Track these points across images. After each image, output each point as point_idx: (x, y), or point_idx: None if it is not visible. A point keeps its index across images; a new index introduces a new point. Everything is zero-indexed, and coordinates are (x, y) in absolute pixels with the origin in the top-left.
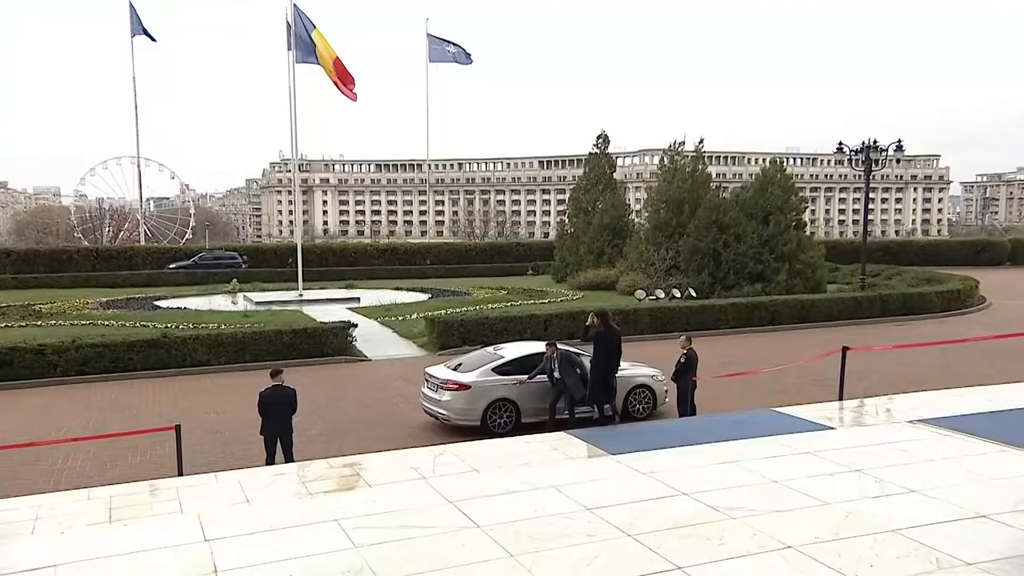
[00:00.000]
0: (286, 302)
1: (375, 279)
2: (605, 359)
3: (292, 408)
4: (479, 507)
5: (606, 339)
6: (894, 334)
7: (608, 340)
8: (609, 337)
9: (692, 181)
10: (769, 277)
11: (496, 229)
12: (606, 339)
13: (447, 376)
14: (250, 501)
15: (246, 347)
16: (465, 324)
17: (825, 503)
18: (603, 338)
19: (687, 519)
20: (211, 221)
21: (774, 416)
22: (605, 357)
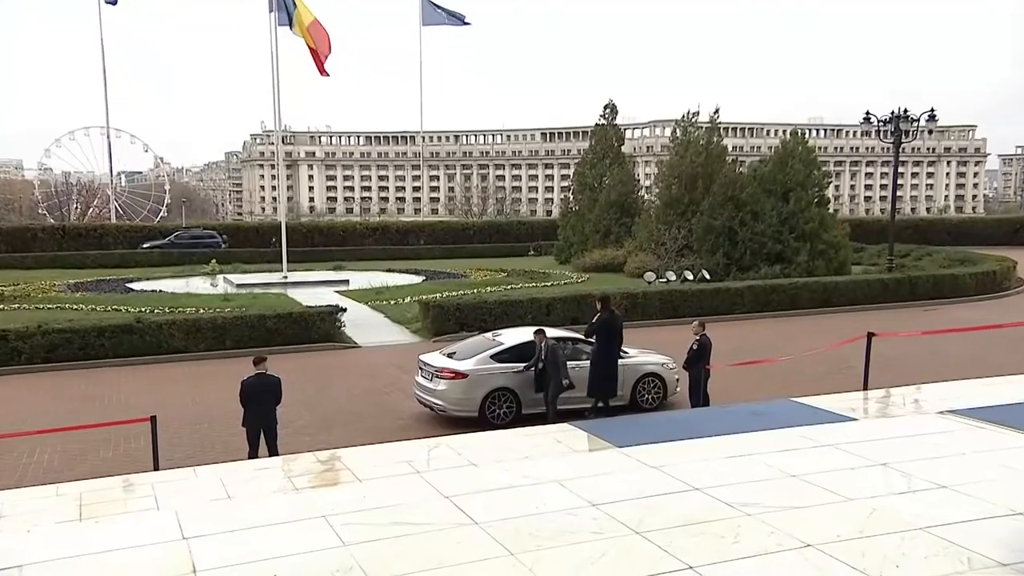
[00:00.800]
0: (269, 285)
1: (365, 260)
2: (607, 347)
3: (276, 398)
4: (477, 503)
5: (608, 326)
6: (923, 319)
7: (611, 327)
8: (612, 324)
9: (706, 155)
10: (789, 258)
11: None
12: (608, 326)
13: (443, 364)
14: (231, 497)
15: (226, 333)
16: (462, 308)
17: (848, 499)
18: (605, 325)
19: (699, 516)
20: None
21: (793, 406)
22: (607, 344)
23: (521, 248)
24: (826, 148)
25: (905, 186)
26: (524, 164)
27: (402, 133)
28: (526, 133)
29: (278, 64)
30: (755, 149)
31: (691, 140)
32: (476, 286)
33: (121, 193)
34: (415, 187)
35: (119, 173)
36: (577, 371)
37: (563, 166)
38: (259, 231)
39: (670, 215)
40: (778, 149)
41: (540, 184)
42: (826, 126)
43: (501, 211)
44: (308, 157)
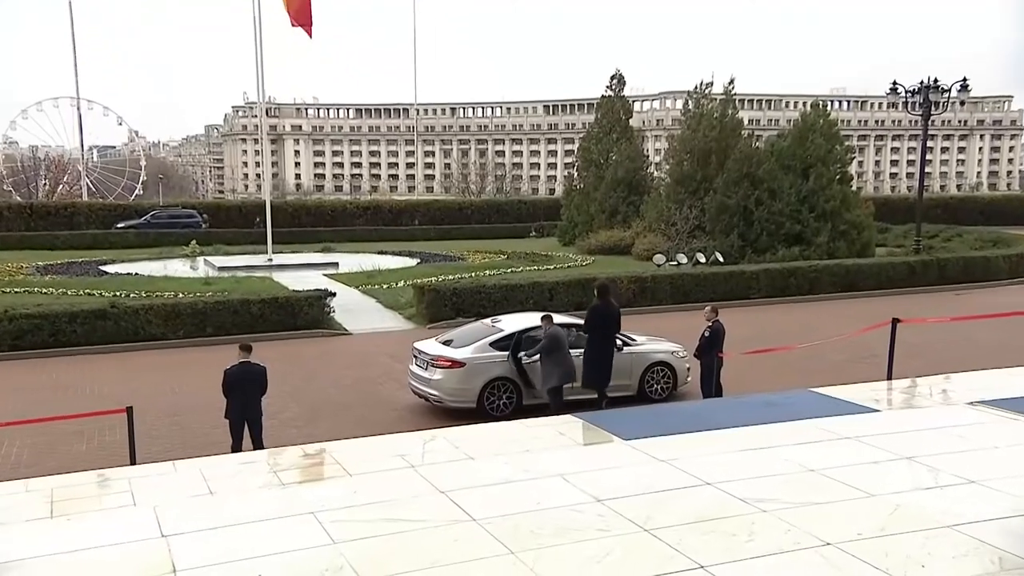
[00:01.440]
0: (253, 267)
1: (356, 241)
2: (603, 339)
3: (261, 388)
4: (474, 498)
5: (603, 315)
6: (953, 305)
7: (606, 317)
8: (608, 314)
9: (720, 128)
10: (808, 239)
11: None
12: (603, 315)
13: (438, 352)
14: (213, 492)
15: (207, 319)
16: (459, 293)
17: (870, 495)
18: (600, 315)
19: (711, 512)
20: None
21: (812, 397)
22: (603, 338)
23: (522, 229)
24: (849, 121)
25: (934, 162)
26: (525, 139)
27: (395, 105)
28: (528, 106)
29: (261, 31)
30: (773, 122)
31: (704, 113)
32: (474, 269)
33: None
34: (409, 163)
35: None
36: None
37: (567, 141)
38: (242, 210)
39: (681, 193)
40: (797, 122)
41: (542, 160)
42: (849, 97)
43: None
44: (294, 131)
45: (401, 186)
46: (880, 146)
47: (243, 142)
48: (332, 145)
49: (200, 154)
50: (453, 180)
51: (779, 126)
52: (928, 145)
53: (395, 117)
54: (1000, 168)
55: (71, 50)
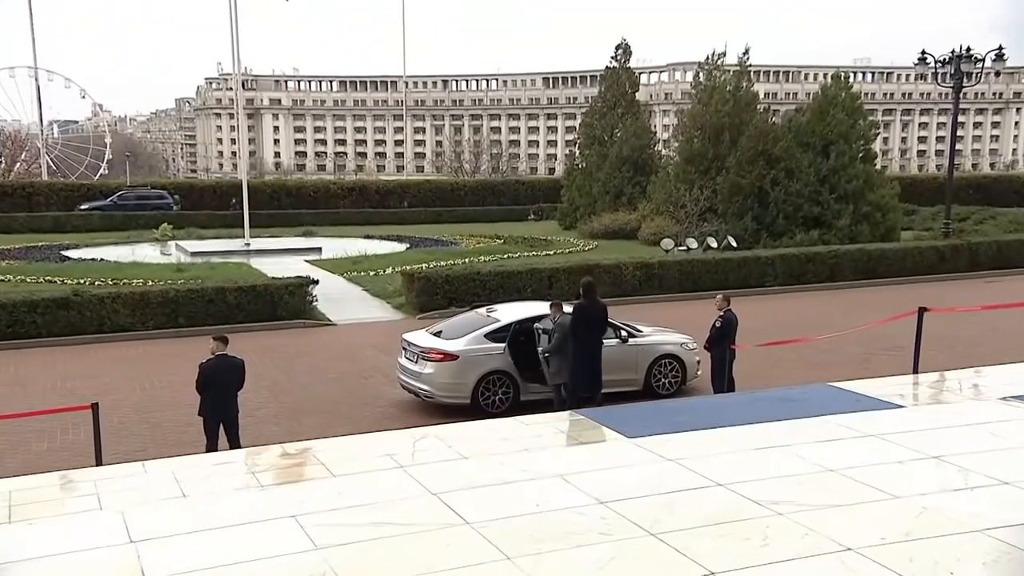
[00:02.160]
0: (229, 252)
1: (340, 225)
2: (587, 340)
3: (239, 383)
4: (468, 500)
5: (588, 314)
6: (984, 292)
7: (592, 315)
8: (593, 311)
9: (734, 102)
10: (828, 222)
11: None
12: (588, 314)
13: (430, 344)
14: (187, 495)
15: (180, 308)
16: (451, 281)
17: (894, 496)
18: (585, 314)
19: (722, 515)
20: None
21: (831, 391)
22: (589, 339)
23: (520, 211)
24: (873, 94)
25: (966, 138)
26: (523, 114)
27: (382, 78)
28: (525, 78)
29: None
30: (791, 96)
31: (716, 86)
32: (468, 255)
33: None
34: (397, 141)
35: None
36: None
37: (568, 116)
38: (217, 191)
39: (691, 173)
40: (817, 96)
41: (542, 138)
42: (874, 68)
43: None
44: (273, 105)
45: (389, 165)
46: (907, 121)
47: (217, 117)
48: (314, 121)
49: (171, 130)
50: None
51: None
52: (959, 120)
53: (382, 90)
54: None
55: (27, 15)
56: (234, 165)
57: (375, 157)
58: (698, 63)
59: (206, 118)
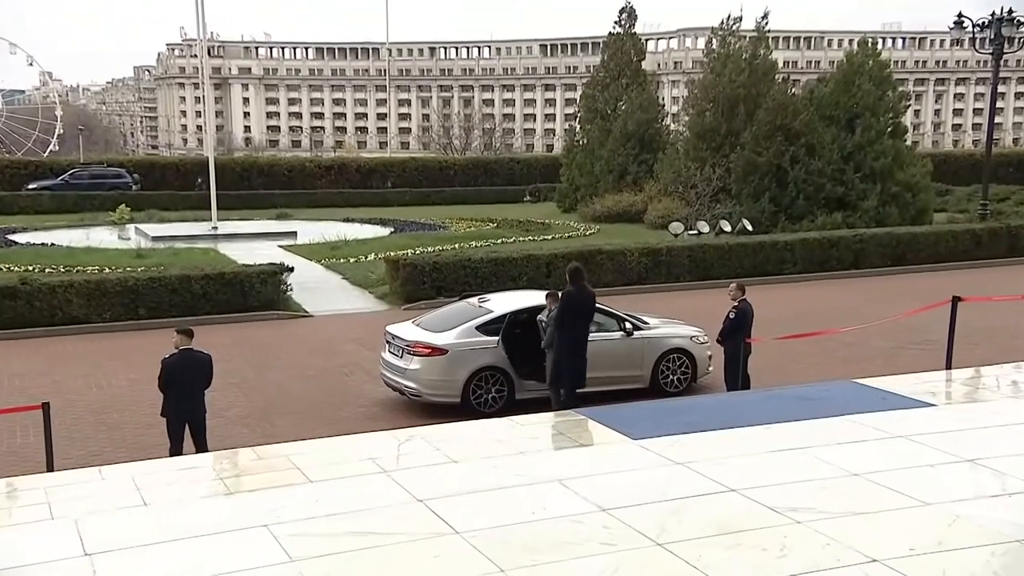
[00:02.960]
0: (195, 237)
1: (317, 207)
2: (574, 330)
3: (206, 380)
4: (458, 508)
5: (577, 303)
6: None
7: (580, 304)
8: (581, 301)
9: (750, 72)
10: (853, 203)
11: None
12: (577, 303)
13: (416, 337)
14: (148, 503)
15: (140, 298)
16: (440, 268)
17: (924, 503)
18: (573, 302)
19: (736, 523)
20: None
21: (856, 389)
22: (575, 330)
23: (514, 192)
24: (904, 62)
25: (1007, 110)
26: (518, 85)
27: (363, 45)
28: (521, 45)
29: None
30: (812, 64)
31: (731, 54)
32: (458, 240)
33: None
34: (380, 114)
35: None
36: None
37: (568, 87)
38: (180, 169)
39: (703, 150)
40: (842, 64)
41: (539, 111)
42: (904, 33)
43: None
44: (242, 74)
45: (371, 141)
46: (941, 92)
47: (181, 87)
48: (288, 92)
49: (129, 101)
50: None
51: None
52: (999, 90)
53: (363, 58)
54: None
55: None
56: (199, 141)
57: (355, 132)
58: (711, 29)
59: (168, 88)
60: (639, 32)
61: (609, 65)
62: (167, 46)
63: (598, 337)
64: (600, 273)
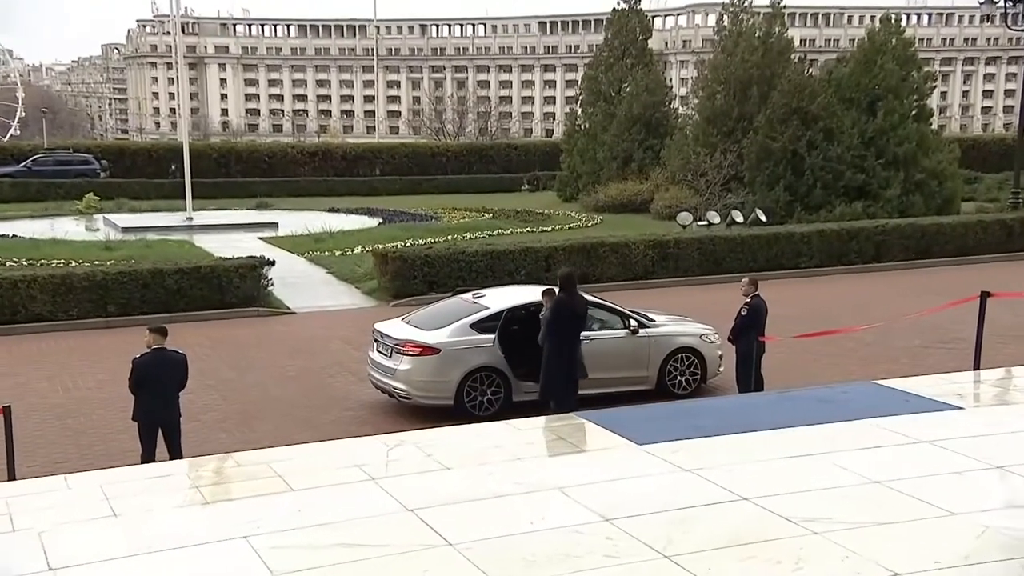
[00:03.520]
0: (168, 228)
1: (300, 196)
2: (562, 339)
3: (180, 382)
4: (451, 518)
5: (568, 311)
6: None
7: (571, 312)
8: (571, 308)
9: (764, 51)
10: (875, 192)
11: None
12: (568, 311)
13: (406, 335)
14: (118, 514)
15: (109, 294)
16: (431, 262)
17: (950, 513)
18: (564, 310)
19: (748, 534)
20: (50, 107)
21: (877, 391)
22: (566, 340)
23: (512, 181)
24: (930, 40)
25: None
26: (516, 66)
27: (349, 22)
28: (518, 23)
29: None
30: (831, 43)
31: (743, 31)
32: (451, 232)
33: None
34: (367, 97)
35: None
36: (590, 344)
37: (569, 68)
38: (152, 155)
39: (713, 135)
40: (863, 43)
41: (537, 93)
42: (931, 9)
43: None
44: (219, 53)
45: (357, 125)
46: (970, 72)
47: (152, 67)
48: (268, 72)
49: (96, 82)
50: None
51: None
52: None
53: (349, 36)
54: None
55: None
56: (173, 124)
57: (341, 116)
58: (722, 4)
59: (139, 68)
60: (645, 8)
61: (613, 44)
62: (137, 22)
63: (601, 336)
64: (603, 267)
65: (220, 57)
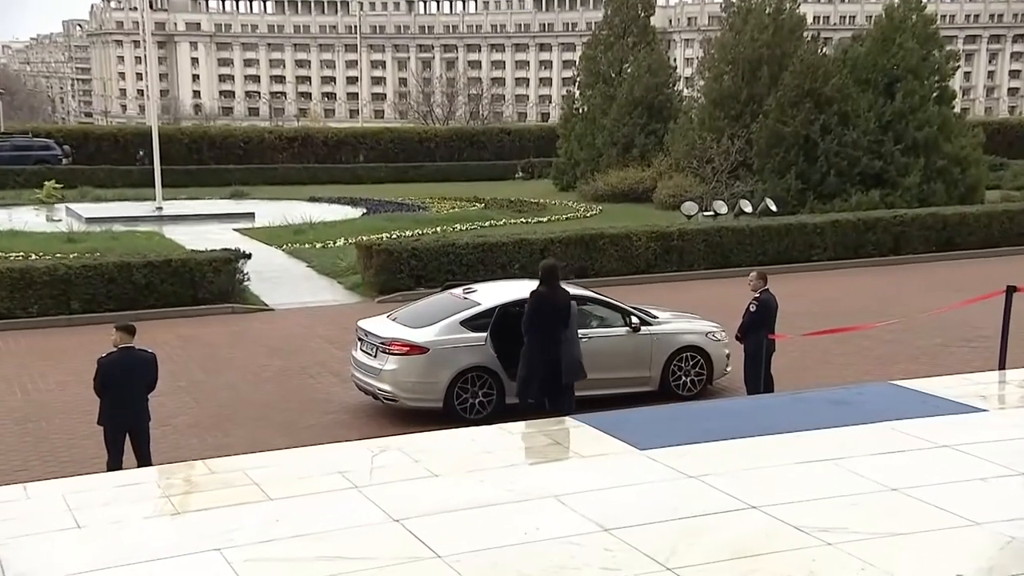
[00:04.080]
0: (136, 219)
1: (278, 184)
2: (544, 336)
3: (149, 383)
4: (440, 528)
5: (547, 306)
6: None
7: (551, 307)
8: (553, 303)
9: (774, 29)
10: (893, 180)
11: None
12: (547, 306)
13: (392, 333)
14: (82, 526)
15: (72, 289)
16: (419, 255)
17: (973, 523)
18: (545, 306)
19: (757, 545)
20: (7, 87)
21: (894, 392)
22: (544, 335)
23: (505, 168)
24: (953, 17)
25: None
26: (509, 45)
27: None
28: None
29: None
30: (847, 20)
31: (753, 8)
32: (440, 223)
33: None
34: (350, 78)
35: None
36: (589, 343)
37: (566, 48)
38: (119, 140)
39: (720, 119)
40: (880, 20)
41: (532, 75)
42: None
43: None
44: (190, 30)
45: (339, 109)
46: (996, 51)
47: (118, 45)
48: (243, 51)
49: (58, 61)
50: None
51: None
52: None
53: (330, 13)
54: None
55: None
56: (141, 107)
57: (322, 99)
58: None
59: (103, 47)
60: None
61: (613, 21)
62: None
63: (600, 334)
64: (602, 260)
65: (192, 35)
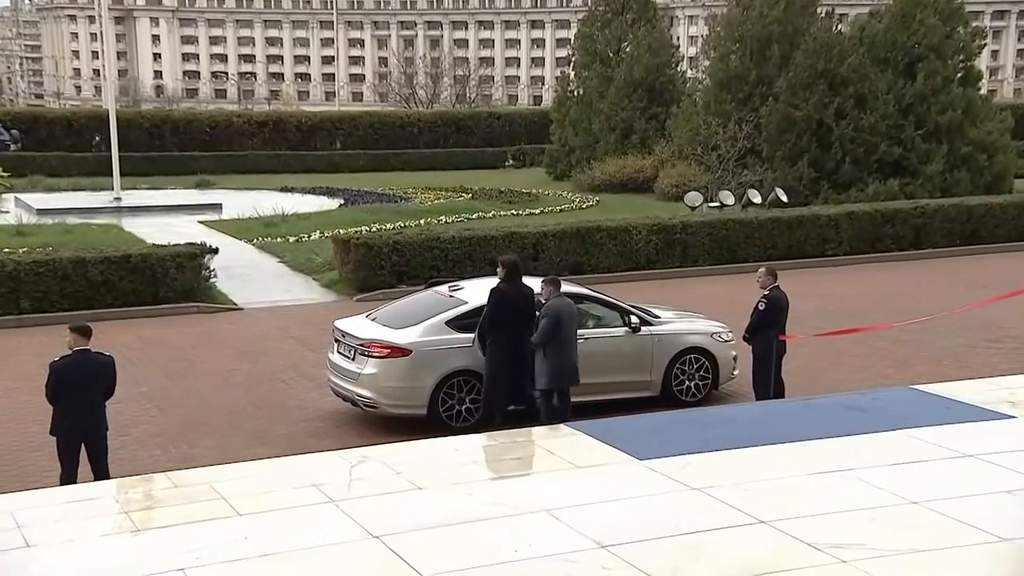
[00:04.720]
0: (92, 211)
1: (247, 173)
2: (514, 337)
3: (106, 389)
4: (423, 546)
5: (509, 304)
6: None
7: (513, 306)
8: (513, 300)
9: (786, 4)
10: (913, 168)
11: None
12: (509, 304)
13: (372, 334)
14: (32, 545)
15: (22, 287)
16: (401, 249)
17: (1000, 538)
18: (506, 303)
19: (766, 562)
20: None
21: (915, 397)
22: (510, 337)
23: (494, 155)
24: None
25: None
26: (498, 22)
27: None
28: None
29: None
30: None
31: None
32: (423, 215)
33: None
34: (326, 57)
35: None
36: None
37: (560, 25)
38: (73, 124)
39: (727, 102)
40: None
41: (523, 54)
42: None
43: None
44: (151, 5)
45: (314, 91)
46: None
47: (72, 21)
48: (209, 28)
49: (5, 38)
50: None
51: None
52: None
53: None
54: None
55: None
56: (97, 89)
57: (295, 80)
58: None
59: (55, 23)
60: None
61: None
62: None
63: (597, 335)
64: (600, 256)
65: (152, 9)
